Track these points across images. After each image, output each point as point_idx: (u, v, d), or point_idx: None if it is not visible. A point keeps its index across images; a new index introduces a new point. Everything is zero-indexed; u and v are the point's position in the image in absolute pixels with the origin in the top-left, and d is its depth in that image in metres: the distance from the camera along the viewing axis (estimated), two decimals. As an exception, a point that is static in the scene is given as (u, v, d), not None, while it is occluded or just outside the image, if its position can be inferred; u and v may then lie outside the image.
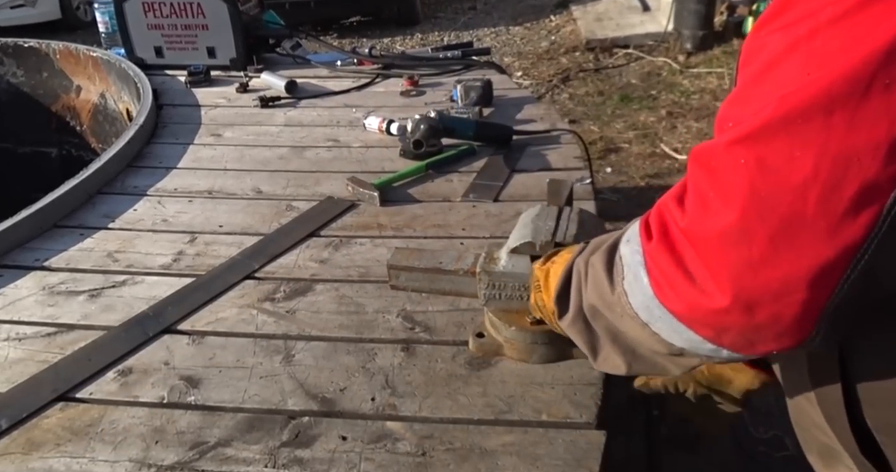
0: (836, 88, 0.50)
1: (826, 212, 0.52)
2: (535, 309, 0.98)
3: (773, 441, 1.89)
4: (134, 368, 1.11)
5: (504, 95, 2.13)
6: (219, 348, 1.15)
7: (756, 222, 0.55)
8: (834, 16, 0.51)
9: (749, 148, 0.54)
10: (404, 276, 1.17)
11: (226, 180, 1.73)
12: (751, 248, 0.55)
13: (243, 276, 1.33)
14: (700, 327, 0.62)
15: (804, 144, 0.52)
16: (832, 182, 0.51)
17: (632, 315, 0.68)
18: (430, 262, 1.15)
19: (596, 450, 0.92)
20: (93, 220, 1.56)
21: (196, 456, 0.94)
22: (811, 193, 0.52)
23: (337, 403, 1.02)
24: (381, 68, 2.42)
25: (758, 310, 0.57)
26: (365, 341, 1.15)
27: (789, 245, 0.54)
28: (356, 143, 1.90)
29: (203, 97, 2.28)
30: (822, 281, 0.54)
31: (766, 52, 0.56)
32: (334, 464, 0.92)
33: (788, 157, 0.52)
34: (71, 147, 2.76)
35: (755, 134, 0.54)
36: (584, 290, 0.77)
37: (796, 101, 0.52)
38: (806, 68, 0.52)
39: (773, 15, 0.56)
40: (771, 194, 0.54)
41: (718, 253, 0.57)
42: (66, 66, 2.64)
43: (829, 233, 0.53)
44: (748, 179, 0.54)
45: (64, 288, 1.33)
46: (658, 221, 0.64)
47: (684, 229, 0.60)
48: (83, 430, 0.99)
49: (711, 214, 0.57)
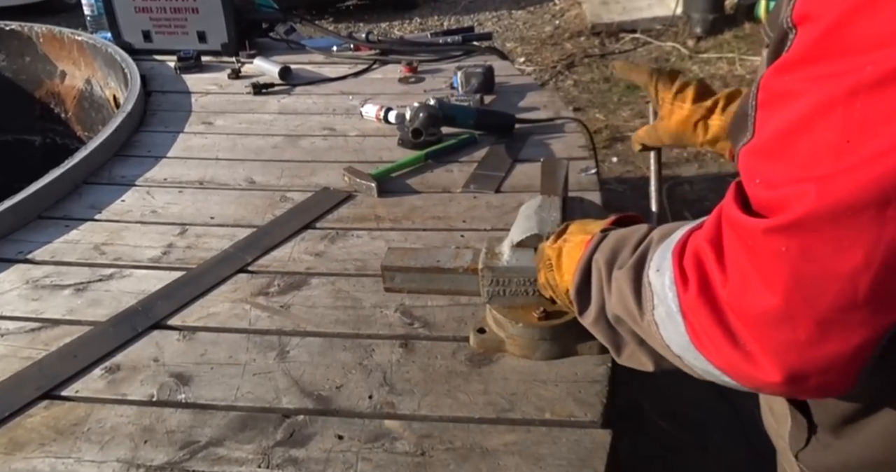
0: (889, 179, 0.48)
1: (877, 296, 0.52)
2: (546, 288, 0.98)
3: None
4: (122, 364, 1.11)
5: (506, 81, 2.12)
6: (210, 344, 1.15)
7: (801, 308, 0.54)
8: (876, 78, 0.48)
9: (791, 237, 0.53)
10: (400, 277, 1.14)
11: (217, 170, 1.73)
12: (796, 331, 0.55)
13: (236, 269, 1.33)
14: (742, 380, 0.62)
15: (854, 237, 0.50)
16: (886, 269, 0.50)
17: (663, 345, 0.69)
18: (427, 261, 1.13)
19: (601, 450, 0.92)
20: (78, 211, 1.56)
21: (186, 456, 0.94)
22: (862, 280, 0.51)
23: (333, 401, 1.02)
24: (378, 54, 2.41)
25: (805, 381, 0.58)
26: (362, 337, 1.15)
27: (838, 329, 0.54)
28: (353, 131, 1.90)
29: (193, 84, 2.28)
30: (867, 350, 0.55)
31: (797, 104, 0.53)
32: (330, 464, 0.92)
33: (836, 247, 0.51)
34: (55, 135, 2.75)
35: (797, 224, 0.52)
36: (606, 296, 0.78)
37: (844, 192, 0.49)
38: (845, 135, 0.49)
39: (802, 60, 0.53)
40: (817, 282, 0.53)
41: (763, 331, 0.57)
42: (50, 50, 2.63)
43: (879, 313, 0.53)
44: (791, 266, 0.53)
45: (49, 282, 1.32)
46: (696, 271, 0.62)
47: (727, 299, 0.59)
48: (69, 429, 0.99)
49: (753, 292, 0.56)
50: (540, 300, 1.05)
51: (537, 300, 1.05)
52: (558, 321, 1.04)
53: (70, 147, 2.61)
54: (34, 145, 2.81)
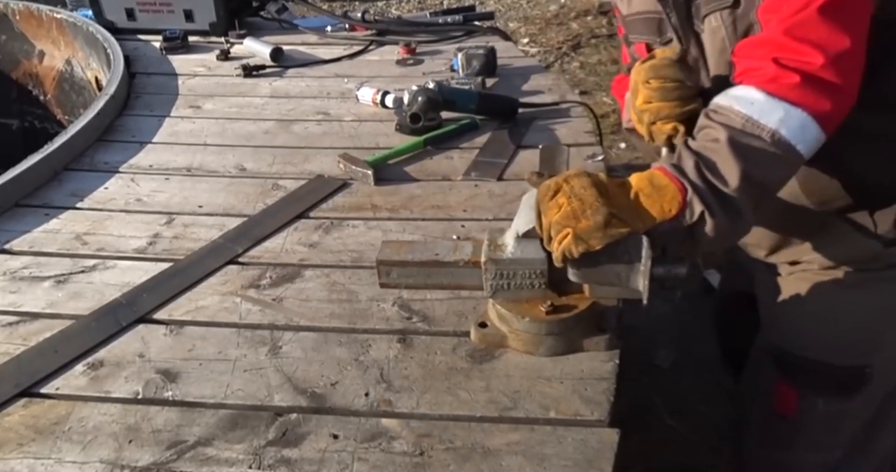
0: None
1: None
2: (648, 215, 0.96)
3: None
4: (105, 360, 1.11)
5: (509, 63, 2.12)
6: (199, 338, 1.15)
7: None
8: None
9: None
10: (396, 272, 1.11)
11: (206, 157, 1.72)
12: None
13: (225, 261, 1.33)
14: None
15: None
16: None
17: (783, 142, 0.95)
18: (425, 254, 1.10)
19: (608, 450, 0.92)
20: (59, 199, 1.56)
21: (174, 456, 0.94)
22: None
23: (328, 398, 1.02)
24: (375, 35, 2.40)
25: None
26: (358, 332, 1.15)
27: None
28: (348, 116, 1.89)
29: (180, 65, 2.27)
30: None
31: None
32: (325, 465, 0.92)
33: None
34: (34, 118, 2.75)
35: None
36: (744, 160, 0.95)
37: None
38: None
39: None
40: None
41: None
42: (28, 28, 2.62)
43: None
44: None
45: (27, 273, 1.32)
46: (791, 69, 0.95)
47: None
48: (49, 428, 0.99)
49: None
50: (546, 294, 1.05)
51: (543, 294, 1.05)
52: (567, 315, 1.04)
53: (49, 131, 2.61)
54: (11, 129, 2.81)
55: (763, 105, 0.94)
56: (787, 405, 1.27)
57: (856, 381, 1.23)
